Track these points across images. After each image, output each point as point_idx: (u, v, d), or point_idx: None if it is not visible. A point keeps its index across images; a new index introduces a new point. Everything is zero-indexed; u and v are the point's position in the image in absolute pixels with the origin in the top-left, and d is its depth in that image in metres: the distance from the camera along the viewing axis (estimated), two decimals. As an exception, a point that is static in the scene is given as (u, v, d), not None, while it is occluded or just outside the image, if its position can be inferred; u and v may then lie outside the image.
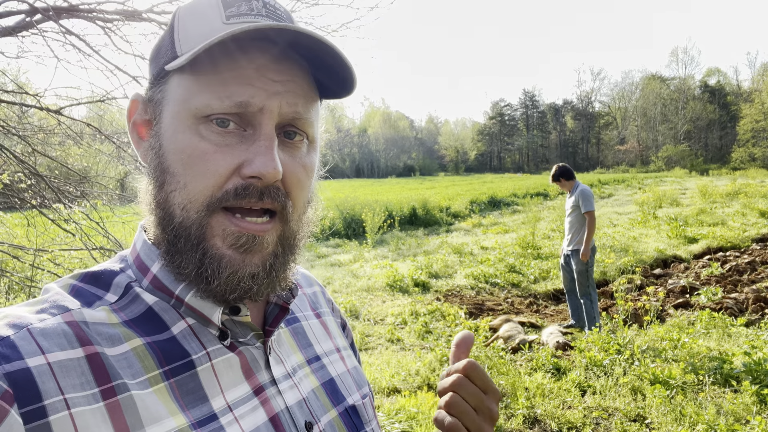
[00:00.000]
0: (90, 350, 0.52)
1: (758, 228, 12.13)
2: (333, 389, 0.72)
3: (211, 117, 0.55)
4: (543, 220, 15.88)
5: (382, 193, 24.46)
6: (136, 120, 0.63)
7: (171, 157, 0.57)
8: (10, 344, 0.48)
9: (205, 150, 0.55)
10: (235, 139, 0.56)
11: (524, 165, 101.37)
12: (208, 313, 0.60)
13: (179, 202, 0.56)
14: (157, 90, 0.60)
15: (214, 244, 0.56)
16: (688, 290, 7.39)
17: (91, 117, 6.51)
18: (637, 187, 30.50)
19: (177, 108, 0.57)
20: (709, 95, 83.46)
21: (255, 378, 0.62)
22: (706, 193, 20.22)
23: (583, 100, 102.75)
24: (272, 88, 0.56)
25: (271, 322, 0.67)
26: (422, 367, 4.82)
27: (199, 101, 0.55)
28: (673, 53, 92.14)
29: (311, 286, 0.87)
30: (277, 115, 0.57)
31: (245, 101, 0.55)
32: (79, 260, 4.03)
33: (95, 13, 3.34)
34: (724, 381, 4.31)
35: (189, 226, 0.56)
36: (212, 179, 0.55)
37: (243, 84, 0.55)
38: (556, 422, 3.86)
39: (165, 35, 0.61)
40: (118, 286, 0.60)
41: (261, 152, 0.55)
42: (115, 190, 5.85)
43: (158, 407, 0.52)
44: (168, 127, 0.58)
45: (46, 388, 0.47)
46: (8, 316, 0.52)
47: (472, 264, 9.59)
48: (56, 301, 0.55)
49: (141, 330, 0.57)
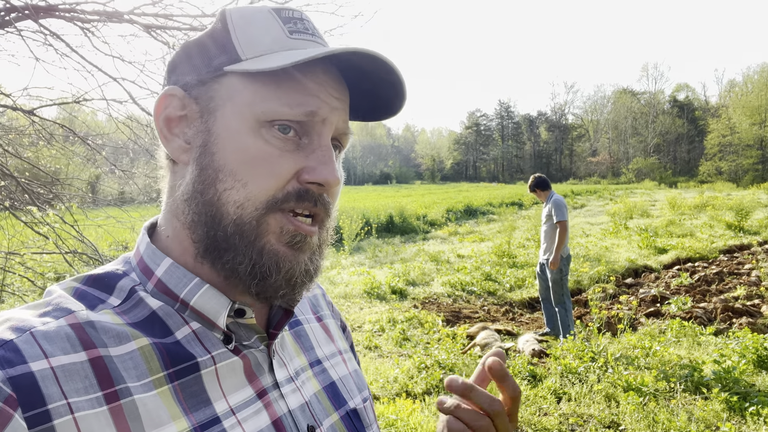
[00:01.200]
0: (93, 354, 0.51)
1: (725, 240, 12.50)
2: (335, 393, 0.73)
3: (274, 122, 0.57)
4: (518, 229, 16.08)
5: (359, 200, 24.48)
6: (169, 114, 0.62)
7: (230, 156, 0.58)
8: (13, 348, 0.48)
9: (269, 152, 0.57)
10: (293, 145, 0.59)
11: (499, 175, 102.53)
12: (214, 316, 0.60)
13: (236, 200, 0.57)
14: (207, 88, 0.60)
15: (269, 240, 0.58)
16: (659, 299, 7.57)
17: (63, 118, 6.37)
18: (609, 198, 31.14)
19: (240, 109, 0.58)
20: (678, 110, 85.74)
21: (258, 381, 0.62)
22: (675, 205, 20.74)
23: (557, 112, 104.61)
24: (333, 103, 0.60)
25: (275, 325, 0.67)
26: (400, 374, 4.83)
27: (267, 106, 0.57)
28: (644, 68, 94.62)
29: (312, 289, 0.87)
30: (334, 129, 0.61)
31: (313, 111, 0.58)
32: (51, 264, 3.93)
33: (74, 13, 3.29)
34: (695, 388, 4.41)
35: (246, 223, 0.57)
36: (275, 181, 0.57)
37: (310, 95, 0.58)
38: (533, 429, 3.90)
39: (215, 34, 0.61)
40: (122, 290, 0.60)
41: (324, 161, 0.59)
42: (87, 193, 5.74)
43: (161, 411, 0.52)
44: (227, 127, 0.58)
45: (49, 393, 0.47)
46: (11, 319, 0.51)
47: (448, 272, 9.65)
48: (59, 304, 0.55)
49: (146, 333, 0.56)
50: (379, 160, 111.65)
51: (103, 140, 5.03)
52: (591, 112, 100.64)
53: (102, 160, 4.94)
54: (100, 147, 4.83)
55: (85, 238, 3.52)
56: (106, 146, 4.98)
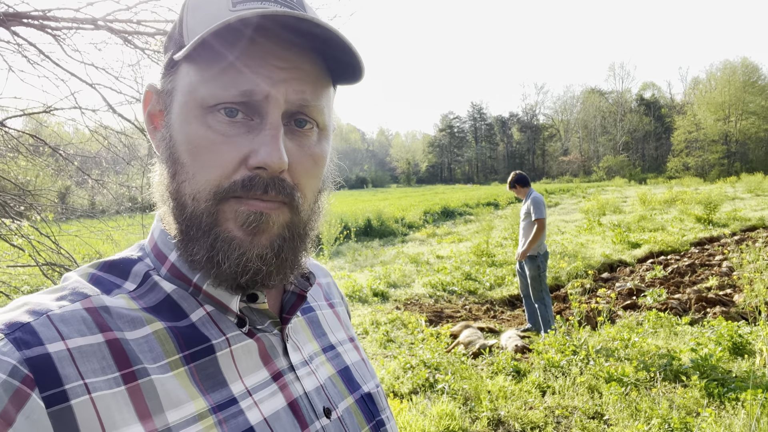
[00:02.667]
0: (109, 336, 0.52)
1: (695, 233, 12.83)
2: (348, 377, 0.74)
3: (218, 107, 0.54)
4: (496, 228, 16.23)
5: (337, 205, 24.39)
6: (151, 111, 0.63)
7: (180, 147, 0.57)
8: (30, 330, 0.49)
9: (212, 140, 0.54)
10: (242, 129, 0.55)
11: (474, 176, 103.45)
12: (226, 300, 0.60)
13: (189, 192, 0.56)
14: (167, 80, 0.60)
15: (227, 227, 0.56)
16: (635, 292, 7.73)
17: (31, 128, 6.22)
18: (581, 196, 31.68)
19: (185, 98, 0.56)
20: (645, 108, 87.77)
21: (273, 364, 0.63)
22: (646, 200, 21.20)
23: (528, 112, 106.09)
24: (277, 75, 0.55)
25: (288, 309, 0.68)
26: (386, 375, 4.83)
27: (205, 90, 0.54)
28: (611, 68, 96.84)
29: (325, 276, 0.89)
30: (283, 103, 0.55)
31: (249, 89, 0.54)
32: (27, 277, 3.84)
33: (45, 21, 3.23)
34: (674, 377, 4.52)
35: (200, 214, 0.56)
36: (219, 170, 0.55)
37: (247, 72, 0.54)
38: (519, 423, 3.95)
39: (175, 25, 0.61)
40: (137, 275, 0.60)
41: (266, 142, 0.54)
42: (59, 204, 5.61)
43: (178, 391, 0.53)
44: (177, 118, 0.57)
45: (66, 373, 0.48)
46: (28, 303, 0.52)
47: (429, 273, 9.69)
48: (75, 288, 0.55)
49: (160, 317, 0.57)
50: (354, 164, 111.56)
51: (74, 150, 4.94)
52: (561, 112, 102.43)
53: (74, 170, 4.84)
54: (72, 157, 4.74)
55: (62, 249, 3.45)
56: (77, 156, 4.90)
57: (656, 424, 3.68)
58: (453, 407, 4.07)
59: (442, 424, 3.83)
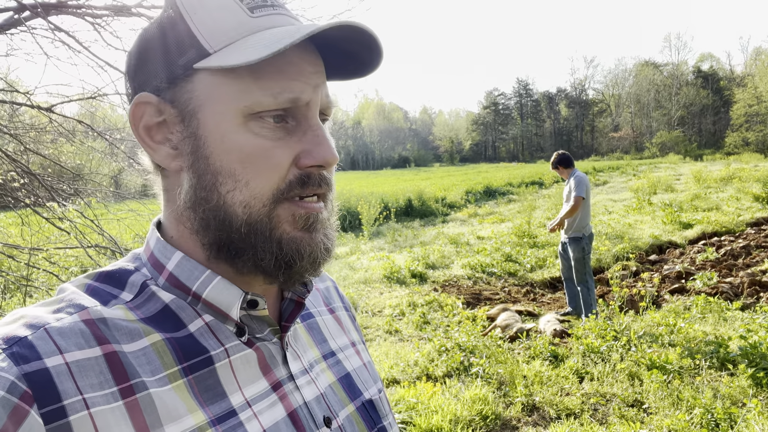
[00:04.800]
0: (107, 349, 0.52)
1: (752, 212, 12.18)
2: (350, 384, 0.73)
3: (262, 114, 0.56)
4: (539, 208, 15.91)
5: (378, 185, 24.46)
6: (147, 123, 0.60)
7: (225, 157, 0.56)
8: (27, 344, 0.48)
9: (264, 146, 0.56)
10: (284, 132, 0.58)
11: (519, 154, 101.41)
12: (227, 307, 0.60)
13: (241, 200, 0.57)
14: (180, 89, 0.57)
15: (285, 230, 0.58)
16: (684, 276, 7.44)
17: (83, 114, 6.46)
18: (632, 173, 30.58)
19: (223, 108, 0.56)
20: (702, 81, 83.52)
21: (272, 374, 0.62)
22: (700, 178, 20.29)
23: (577, 87, 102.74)
24: (312, 81, 0.58)
25: (287, 317, 0.67)
26: (421, 357, 4.84)
27: (250, 99, 0.55)
28: (666, 39, 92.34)
29: (323, 281, 0.87)
30: (319, 107, 0.60)
31: (297, 97, 0.57)
32: (74, 258, 4.02)
33: (84, 9, 3.31)
34: (721, 365, 4.34)
35: (257, 220, 0.57)
36: (276, 173, 0.57)
37: (290, 80, 0.56)
38: (555, 409, 3.89)
39: (173, 26, 0.57)
40: (134, 285, 0.60)
41: (318, 142, 0.58)
42: (109, 187, 5.83)
43: (177, 405, 0.52)
44: (214, 129, 0.56)
45: (64, 388, 0.47)
46: (25, 316, 0.52)
47: (468, 254, 9.61)
48: (72, 300, 0.55)
49: (158, 327, 0.57)
50: (396, 143, 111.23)
51: (122, 135, 5.09)
52: (612, 87, 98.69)
53: (121, 154, 5.00)
54: (119, 141, 4.90)
55: (105, 232, 3.58)
56: (125, 140, 5.05)
57: (699, 413, 3.55)
58: (487, 391, 4.05)
59: (474, 408, 3.82)
